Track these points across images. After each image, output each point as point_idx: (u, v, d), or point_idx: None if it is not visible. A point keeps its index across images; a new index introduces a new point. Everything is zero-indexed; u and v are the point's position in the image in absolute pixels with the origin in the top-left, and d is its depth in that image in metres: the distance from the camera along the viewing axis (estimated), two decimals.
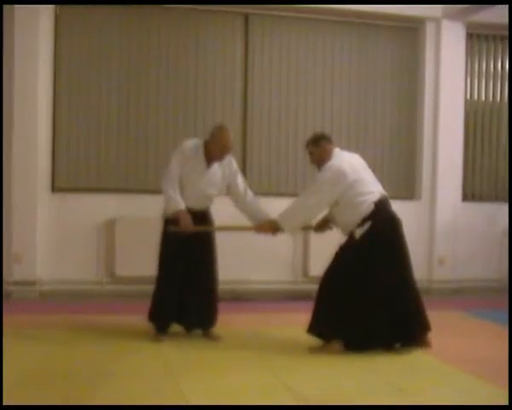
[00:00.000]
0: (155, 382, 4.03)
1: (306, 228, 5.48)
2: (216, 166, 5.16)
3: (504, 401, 3.75)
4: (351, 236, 4.89)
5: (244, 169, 7.37)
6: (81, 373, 4.18)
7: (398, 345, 4.92)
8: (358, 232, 4.82)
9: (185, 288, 5.12)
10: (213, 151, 5.08)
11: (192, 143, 5.19)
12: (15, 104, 6.79)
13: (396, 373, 4.37)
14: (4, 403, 3.35)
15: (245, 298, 7.15)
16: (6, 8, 6.61)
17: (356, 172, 4.89)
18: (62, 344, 4.92)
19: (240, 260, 7.20)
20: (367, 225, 4.80)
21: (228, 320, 5.41)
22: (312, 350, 4.86)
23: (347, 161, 4.93)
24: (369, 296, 4.76)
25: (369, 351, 4.76)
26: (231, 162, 5.25)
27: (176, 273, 5.11)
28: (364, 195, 4.84)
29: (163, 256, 5.20)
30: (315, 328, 4.89)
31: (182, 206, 4.98)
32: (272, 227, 5.04)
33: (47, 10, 6.93)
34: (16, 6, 6.69)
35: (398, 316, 4.84)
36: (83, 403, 3.59)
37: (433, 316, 6.37)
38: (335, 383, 4.15)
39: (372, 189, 4.92)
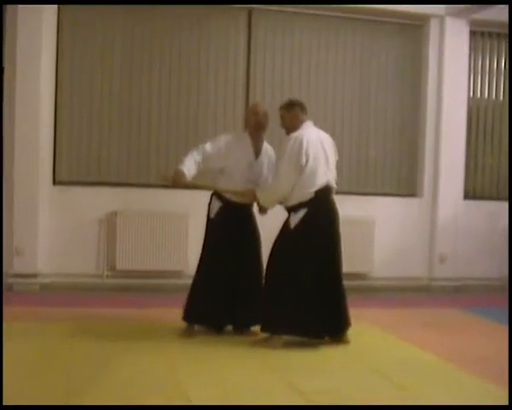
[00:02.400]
0: (156, 377, 4.02)
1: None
2: (263, 157, 5.15)
3: (504, 400, 3.75)
4: (286, 223, 4.88)
5: None
6: (81, 367, 4.17)
7: (327, 338, 4.94)
8: (293, 220, 4.81)
9: (234, 284, 5.05)
10: (256, 126, 5.09)
11: (236, 134, 5.26)
12: (17, 98, 6.78)
13: (396, 371, 4.35)
14: (4, 396, 3.34)
15: None
16: (9, 7, 6.61)
17: (315, 151, 4.81)
18: (62, 337, 4.90)
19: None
20: (302, 213, 4.77)
21: None
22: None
23: (312, 137, 4.86)
24: (303, 289, 4.74)
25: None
26: (272, 155, 5.26)
27: (224, 269, 5.03)
28: (311, 177, 4.78)
29: (209, 252, 5.11)
30: (267, 325, 4.88)
31: (181, 166, 4.93)
32: (253, 197, 5.02)
33: (50, 8, 6.90)
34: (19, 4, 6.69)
35: (330, 310, 4.84)
36: (83, 397, 3.58)
37: (434, 314, 6.43)
38: (336, 381, 4.14)
39: (321, 174, 4.83)
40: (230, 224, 5.06)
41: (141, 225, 7.10)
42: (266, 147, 5.23)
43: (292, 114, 4.98)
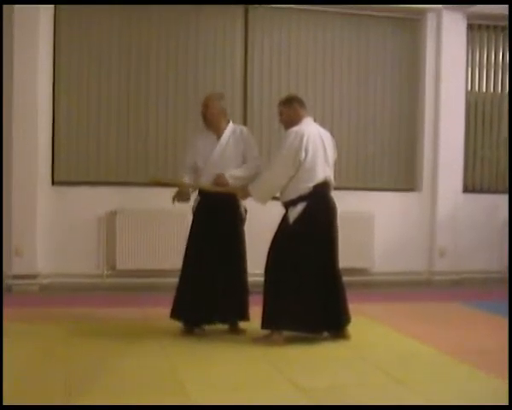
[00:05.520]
0: (156, 376, 4.02)
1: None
2: (227, 139, 5.14)
3: (503, 394, 3.74)
4: (285, 218, 4.89)
5: None
6: (81, 367, 4.17)
7: (325, 334, 4.94)
8: (292, 215, 4.82)
9: (215, 280, 5.04)
10: (204, 119, 5.23)
11: (200, 131, 5.37)
12: (15, 98, 6.77)
13: (395, 365, 4.35)
14: (5, 396, 3.34)
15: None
16: (6, 6, 6.60)
17: (314, 146, 4.82)
18: (62, 338, 4.90)
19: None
20: (300, 207, 4.79)
21: None
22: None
23: (313, 133, 4.86)
24: (303, 285, 4.76)
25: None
26: (243, 132, 5.22)
27: (204, 266, 5.05)
28: (310, 172, 4.79)
29: (189, 246, 5.17)
30: (267, 321, 4.87)
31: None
32: (245, 194, 5.04)
33: (46, 8, 6.89)
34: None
35: (330, 305, 4.85)
36: (83, 397, 3.58)
37: (434, 307, 6.44)
38: (335, 375, 4.14)
39: (320, 170, 4.83)
40: (207, 215, 5.08)
41: (140, 224, 7.09)
42: (233, 127, 5.21)
43: (291, 110, 4.98)
